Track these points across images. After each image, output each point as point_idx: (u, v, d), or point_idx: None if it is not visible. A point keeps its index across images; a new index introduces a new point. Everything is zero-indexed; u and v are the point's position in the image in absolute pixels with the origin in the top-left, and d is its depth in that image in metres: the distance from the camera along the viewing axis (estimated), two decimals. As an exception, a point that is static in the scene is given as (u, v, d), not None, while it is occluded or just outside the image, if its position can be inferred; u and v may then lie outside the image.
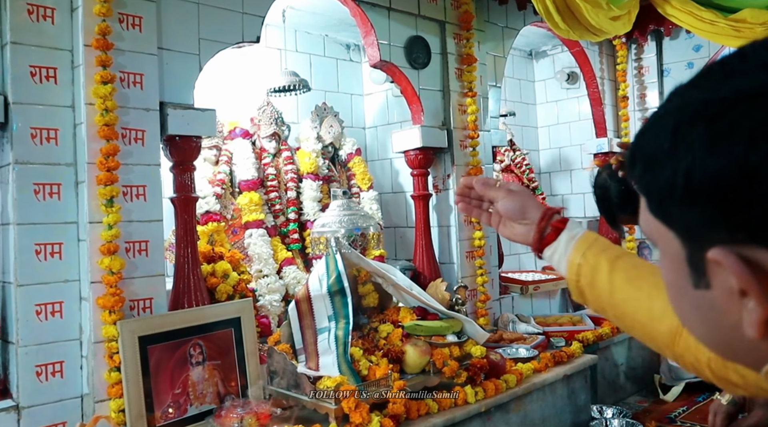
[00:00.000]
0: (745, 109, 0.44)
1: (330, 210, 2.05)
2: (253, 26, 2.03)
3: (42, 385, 1.62)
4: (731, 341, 0.51)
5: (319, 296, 1.98)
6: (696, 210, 0.47)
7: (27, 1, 1.65)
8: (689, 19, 3.18)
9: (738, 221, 0.45)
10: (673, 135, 0.47)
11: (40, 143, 1.65)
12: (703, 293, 0.50)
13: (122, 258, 1.67)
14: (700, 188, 0.46)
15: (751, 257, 0.45)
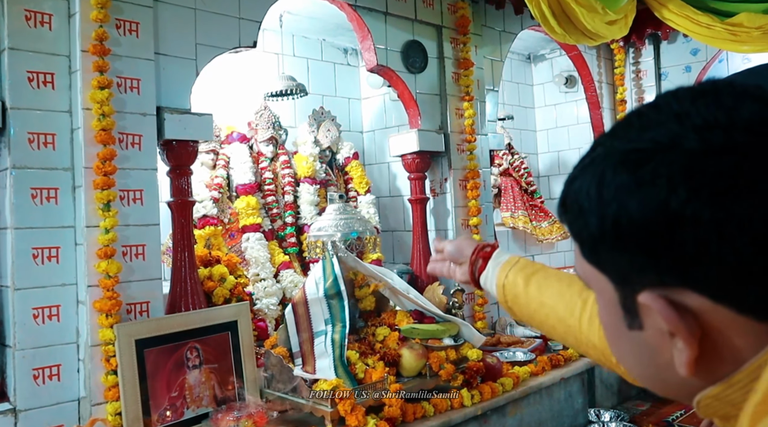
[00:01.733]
0: (662, 158, 0.46)
1: (326, 214, 2.06)
2: (250, 31, 2.05)
3: (39, 388, 1.62)
4: (665, 378, 0.53)
5: (315, 300, 1.99)
6: (625, 255, 0.50)
7: (25, 7, 1.66)
8: (686, 23, 3.20)
9: (665, 265, 0.47)
10: (599, 184, 0.49)
11: (37, 148, 1.66)
12: (637, 334, 0.52)
13: (119, 262, 1.68)
14: (627, 235, 0.48)
15: (680, 300, 0.48)
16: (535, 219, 3.51)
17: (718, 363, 0.50)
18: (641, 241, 0.48)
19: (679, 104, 0.49)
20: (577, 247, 0.56)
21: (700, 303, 0.48)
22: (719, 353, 0.49)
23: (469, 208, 2.64)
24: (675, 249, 0.46)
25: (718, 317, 0.48)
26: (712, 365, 0.50)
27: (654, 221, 0.46)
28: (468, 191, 2.65)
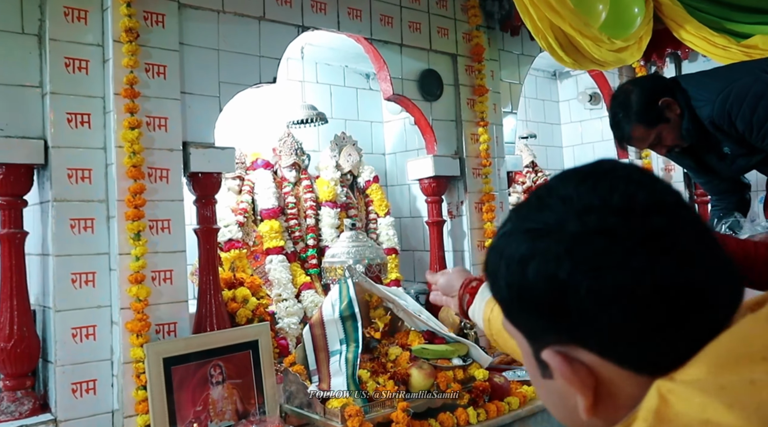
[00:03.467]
0: (552, 237, 0.57)
1: (340, 241, 2.19)
2: (270, 68, 2.19)
3: (77, 401, 1.79)
4: (575, 419, 0.62)
5: (331, 321, 2.11)
6: (530, 317, 0.60)
7: (64, 55, 1.83)
8: (703, 44, 3.23)
9: (558, 326, 0.58)
10: (502, 257, 0.60)
11: (75, 182, 1.83)
12: (549, 382, 0.62)
13: (148, 286, 1.84)
14: (527, 300, 0.59)
15: (574, 356, 0.58)
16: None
17: (615, 408, 0.59)
18: (538, 306, 0.58)
19: (565, 189, 0.60)
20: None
21: (591, 359, 0.58)
22: (614, 399, 0.59)
23: (485, 230, 2.73)
24: (564, 313, 0.56)
25: (606, 370, 0.58)
26: (609, 409, 0.60)
27: (546, 290, 0.57)
28: (483, 214, 2.74)
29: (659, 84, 2.44)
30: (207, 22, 2.05)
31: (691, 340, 0.55)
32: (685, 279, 0.55)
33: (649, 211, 0.57)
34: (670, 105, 2.35)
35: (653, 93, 2.37)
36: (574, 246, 0.56)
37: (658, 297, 0.55)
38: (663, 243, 0.56)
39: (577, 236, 0.56)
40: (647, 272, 0.54)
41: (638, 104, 2.35)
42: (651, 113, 2.35)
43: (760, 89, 2.27)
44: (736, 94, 2.27)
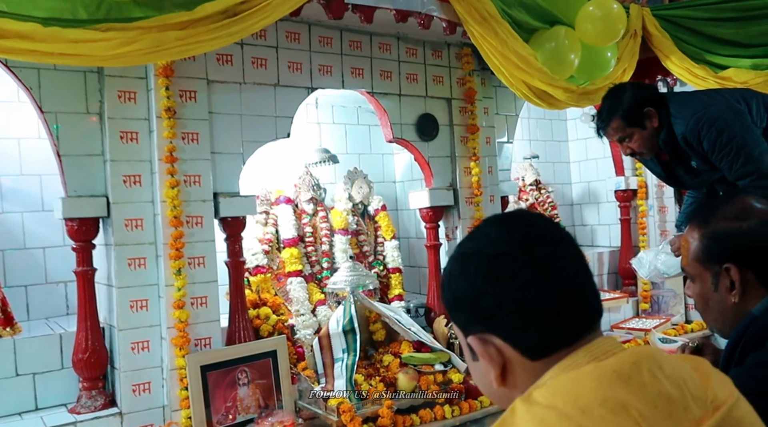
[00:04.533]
0: (474, 258, 0.88)
1: (340, 271, 2.66)
2: (284, 125, 2.67)
3: (137, 398, 2.32)
4: (495, 393, 0.89)
5: (336, 334, 2.59)
6: (462, 315, 0.91)
7: (120, 129, 2.34)
8: (686, 74, 3.55)
9: (478, 320, 0.88)
10: (448, 272, 0.94)
11: (131, 229, 2.35)
12: (477, 364, 0.91)
13: (188, 310, 2.35)
14: (460, 302, 0.89)
15: (488, 339, 0.87)
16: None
17: (515, 384, 0.87)
18: (465, 306, 0.88)
19: (487, 227, 0.92)
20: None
21: (499, 342, 0.87)
22: (514, 376, 0.87)
23: (477, 250, 3.15)
24: (481, 310, 0.86)
25: (508, 351, 0.87)
26: (511, 384, 0.88)
27: (469, 294, 0.87)
28: (476, 236, 3.15)
29: (651, 95, 2.75)
30: (231, 93, 2.54)
31: (561, 336, 0.86)
32: (560, 292, 0.85)
33: (539, 243, 0.87)
34: (652, 116, 2.68)
35: (643, 99, 2.68)
36: (486, 264, 0.87)
37: (539, 303, 0.84)
38: (546, 265, 0.86)
39: (490, 258, 0.87)
40: (533, 284, 0.84)
41: (627, 103, 2.67)
42: (634, 115, 2.67)
43: (728, 118, 2.59)
44: (707, 117, 2.59)
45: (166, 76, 2.33)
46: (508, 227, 0.90)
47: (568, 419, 0.77)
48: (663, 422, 0.79)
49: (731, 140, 2.56)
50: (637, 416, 0.77)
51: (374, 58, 2.91)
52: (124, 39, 1.82)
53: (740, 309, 1.38)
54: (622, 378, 0.81)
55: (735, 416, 0.85)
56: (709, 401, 0.84)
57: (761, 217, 1.39)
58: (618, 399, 0.79)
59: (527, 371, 0.87)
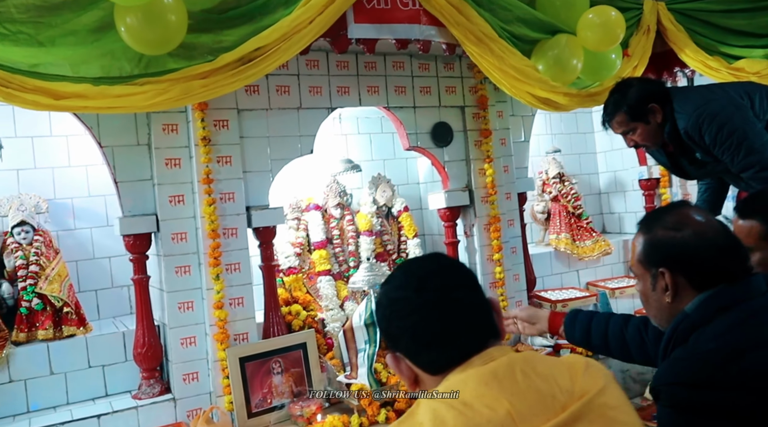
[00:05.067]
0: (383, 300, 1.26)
1: (360, 271, 2.98)
2: (308, 143, 2.99)
3: (187, 385, 2.72)
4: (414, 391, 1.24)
5: (359, 327, 2.92)
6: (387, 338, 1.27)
7: (165, 157, 2.72)
8: (700, 66, 3.66)
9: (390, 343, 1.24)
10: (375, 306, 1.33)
11: (176, 242, 2.74)
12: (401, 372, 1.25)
13: (227, 310, 2.73)
14: (381, 330, 1.27)
15: (401, 358, 1.24)
16: (579, 239, 4.13)
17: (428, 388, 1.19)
18: (383, 331, 1.24)
19: (397, 273, 1.27)
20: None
21: (408, 361, 1.21)
22: (426, 384, 1.20)
23: (492, 246, 3.41)
24: (391, 336, 1.22)
25: (415, 368, 1.20)
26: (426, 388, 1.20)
27: (383, 323, 1.23)
28: (491, 233, 3.41)
29: (656, 90, 2.91)
30: (259, 119, 2.88)
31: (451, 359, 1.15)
32: (444, 326, 1.17)
33: (429, 290, 1.19)
34: (656, 112, 2.86)
35: (648, 95, 2.86)
36: (390, 305, 1.23)
37: (427, 335, 1.17)
38: (433, 307, 1.18)
39: (392, 300, 1.23)
40: (422, 321, 1.17)
41: (632, 99, 2.86)
42: (638, 110, 2.86)
43: (729, 112, 2.75)
44: (709, 112, 2.75)
45: (201, 109, 2.69)
46: (409, 276, 1.25)
47: (453, 409, 1.08)
48: (530, 409, 1.09)
49: (732, 134, 2.69)
50: (509, 406, 1.08)
51: (389, 75, 3.19)
52: (158, 90, 2.18)
53: (674, 308, 1.60)
54: (497, 378, 1.12)
55: (598, 403, 1.13)
56: (575, 391, 1.13)
57: (694, 228, 1.61)
58: (492, 394, 1.10)
59: (432, 381, 1.20)
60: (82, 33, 2.21)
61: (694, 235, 1.59)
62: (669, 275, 1.58)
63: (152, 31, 2.20)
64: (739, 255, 1.61)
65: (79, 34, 2.21)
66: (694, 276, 1.57)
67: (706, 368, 1.42)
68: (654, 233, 1.65)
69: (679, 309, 1.58)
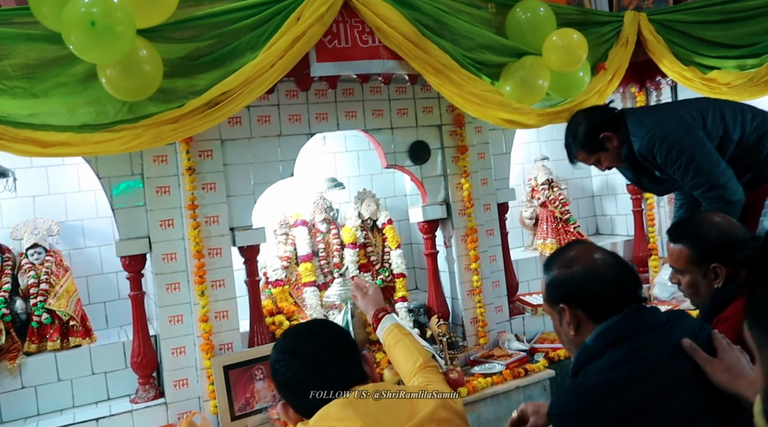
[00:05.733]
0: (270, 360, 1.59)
1: (333, 286, 3.23)
2: (288, 167, 3.24)
3: (178, 391, 3.03)
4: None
5: (336, 336, 3.18)
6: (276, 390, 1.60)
7: (155, 185, 3.01)
8: (677, 76, 3.78)
9: (279, 394, 1.58)
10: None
11: (167, 262, 3.03)
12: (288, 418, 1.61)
13: (212, 323, 3.02)
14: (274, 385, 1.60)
15: (287, 405, 1.59)
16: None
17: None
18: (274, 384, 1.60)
19: (279, 341, 1.61)
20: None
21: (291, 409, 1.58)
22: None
23: (470, 256, 3.61)
24: (277, 389, 1.58)
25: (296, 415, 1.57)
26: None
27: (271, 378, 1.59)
28: (468, 244, 3.61)
29: (604, 119, 3.12)
30: (241, 147, 3.14)
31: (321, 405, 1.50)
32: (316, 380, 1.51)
33: (300, 354, 1.54)
34: (610, 138, 3.07)
35: (597, 127, 3.09)
36: (272, 366, 1.57)
37: (303, 388, 1.51)
38: (304, 367, 1.53)
39: (274, 361, 1.57)
40: (296, 377, 1.52)
41: (583, 135, 3.11)
42: (592, 143, 3.09)
43: (678, 134, 2.91)
44: (659, 134, 2.93)
45: (186, 142, 2.97)
46: (287, 341, 1.59)
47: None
48: (380, 423, 1.42)
49: (681, 155, 2.85)
50: (362, 423, 1.39)
51: (366, 100, 3.41)
52: (132, 135, 2.46)
53: (578, 340, 1.77)
54: (353, 405, 1.45)
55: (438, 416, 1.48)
56: (405, 418, 1.43)
57: (584, 263, 1.79)
58: (348, 416, 1.41)
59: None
60: (71, 84, 2.50)
61: (583, 269, 1.76)
62: (568, 310, 1.74)
63: (130, 81, 2.46)
64: (627, 287, 1.76)
65: (68, 85, 2.50)
66: (588, 309, 1.75)
67: (588, 402, 1.56)
68: (552, 272, 1.83)
69: (582, 341, 1.75)
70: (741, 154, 2.90)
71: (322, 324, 1.71)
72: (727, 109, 3.01)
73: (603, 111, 3.19)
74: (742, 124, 2.91)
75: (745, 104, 3.12)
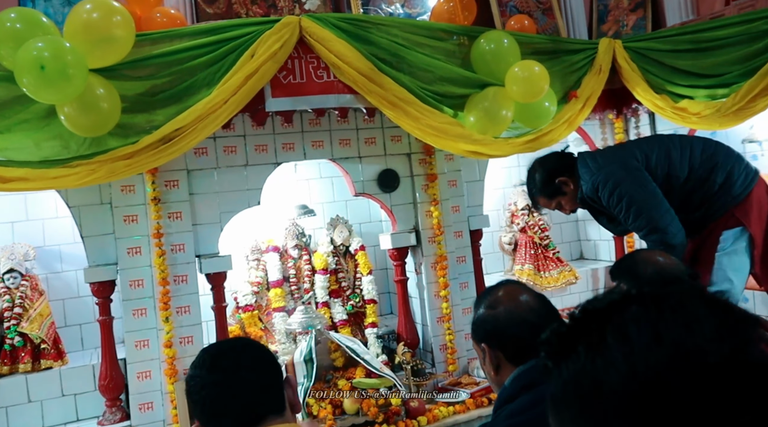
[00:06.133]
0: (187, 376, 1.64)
1: (295, 314, 3.29)
2: (255, 196, 3.32)
3: (143, 414, 3.11)
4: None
5: (299, 363, 3.23)
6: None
7: (123, 214, 3.11)
8: (649, 104, 3.79)
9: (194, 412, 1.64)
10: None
11: (134, 288, 3.13)
12: None
13: (176, 348, 3.10)
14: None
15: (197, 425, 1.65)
16: (545, 269, 4.29)
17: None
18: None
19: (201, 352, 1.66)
20: None
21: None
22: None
23: (439, 283, 3.64)
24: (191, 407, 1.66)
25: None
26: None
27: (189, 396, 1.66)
28: (438, 271, 3.64)
29: (557, 166, 3.23)
30: (208, 177, 3.23)
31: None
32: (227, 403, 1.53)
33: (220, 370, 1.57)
34: (566, 182, 3.15)
35: (552, 173, 3.19)
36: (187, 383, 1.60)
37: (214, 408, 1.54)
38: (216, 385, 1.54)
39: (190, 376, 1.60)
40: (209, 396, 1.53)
41: (540, 182, 3.21)
42: (550, 189, 3.19)
43: (620, 177, 2.96)
44: (602, 179, 3.00)
45: (152, 173, 3.07)
46: (205, 356, 1.60)
47: None
48: None
49: (622, 198, 2.90)
50: None
51: (333, 130, 3.48)
52: (87, 171, 2.56)
53: (499, 380, 1.82)
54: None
55: None
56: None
57: (507, 305, 1.83)
58: None
59: None
60: (34, 120, 2.62)
61: (505, 311, 1.81)
62: (489, 350, 1.79)
63: (88, 118, 2.57)
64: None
65: (31, 121, 2.62)
66: (506, 351, 1.78)
67: None
68: (478, 311, 1.88)
69: (503, 382, 1.79)
70: (692, 189, 2.91)
71: (246, 342, 1.69)
72: (674, 145, 3.04)
73: (557, 157, 3.31)
74: (690, 158, 2.92)
75: (696, 137, 3.13)
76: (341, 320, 3.62)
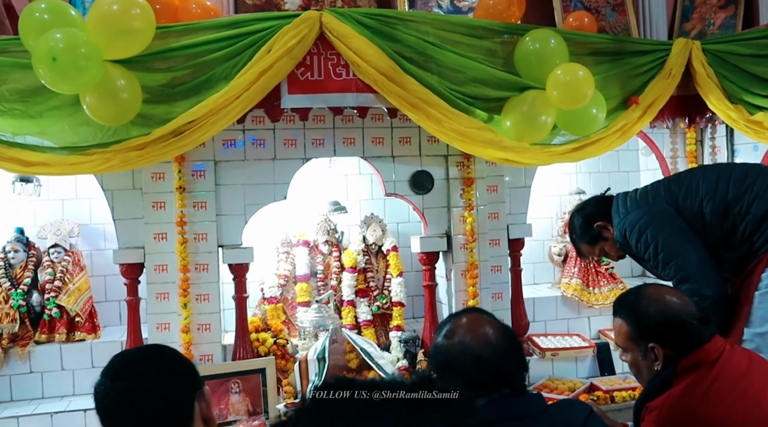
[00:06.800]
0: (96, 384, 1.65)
1: (309, 312, 3.26)
2: (282, 190, 3.32)
3: (160, 394, 3.22)
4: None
5: (312, 360, 3.22)
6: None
7: (152, 200, 3.20)
8: (723, 115, 3.43)
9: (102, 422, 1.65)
10: None
11: (159, 272, 3.22)
12: None
13: (194, 334, 3.18)
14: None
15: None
16: (595, 285, 4.00)
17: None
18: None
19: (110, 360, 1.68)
20: None
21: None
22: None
23: (468, 292, 3.49)
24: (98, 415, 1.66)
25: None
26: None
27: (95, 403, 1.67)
28: (467, 280, 3.49)
29: (594, 211, 3.06)
30: (235, 169, 3.26)
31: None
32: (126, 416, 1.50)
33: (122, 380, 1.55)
34: (605, 227, 2.98)
35: (590, 218, 3.04)
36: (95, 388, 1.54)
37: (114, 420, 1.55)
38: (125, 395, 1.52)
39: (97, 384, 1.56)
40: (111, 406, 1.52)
41: (579, 229, 3.08)
42: (589, 235, 3.03)
43: (644, 224, 2.77)
44: (628, 224, 2.85)
45: (179, 162, 3.14)
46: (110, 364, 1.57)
47: None
48: None
49: (649, 246, 2.68)
50: None
51: (366, 127, 3.40)
52: (102, 159, 2.65)
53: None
54: None
55: None
56: None
57: (463, 337, 1.73)
58: None
59: None
60: (63, 107, 2.74)
61: (459, 344, 1.71)
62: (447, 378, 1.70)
63: (108, 108, 2.66)
64: (499, 370, 1.68)
65: (61, 108, 2.74)
66: (455, 386, 1.68)
67: None
68: (437, 337, 1.78)
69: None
70: (733, 224, 2.59)
71: (158, 351, 1.62)
72: (706, 177, 2.71)
73: (596, 201, 3.10)
74: (727, 190, 2.60)
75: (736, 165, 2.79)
76: (365, 321, 3.56)
